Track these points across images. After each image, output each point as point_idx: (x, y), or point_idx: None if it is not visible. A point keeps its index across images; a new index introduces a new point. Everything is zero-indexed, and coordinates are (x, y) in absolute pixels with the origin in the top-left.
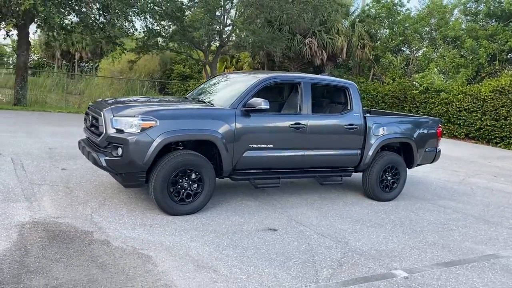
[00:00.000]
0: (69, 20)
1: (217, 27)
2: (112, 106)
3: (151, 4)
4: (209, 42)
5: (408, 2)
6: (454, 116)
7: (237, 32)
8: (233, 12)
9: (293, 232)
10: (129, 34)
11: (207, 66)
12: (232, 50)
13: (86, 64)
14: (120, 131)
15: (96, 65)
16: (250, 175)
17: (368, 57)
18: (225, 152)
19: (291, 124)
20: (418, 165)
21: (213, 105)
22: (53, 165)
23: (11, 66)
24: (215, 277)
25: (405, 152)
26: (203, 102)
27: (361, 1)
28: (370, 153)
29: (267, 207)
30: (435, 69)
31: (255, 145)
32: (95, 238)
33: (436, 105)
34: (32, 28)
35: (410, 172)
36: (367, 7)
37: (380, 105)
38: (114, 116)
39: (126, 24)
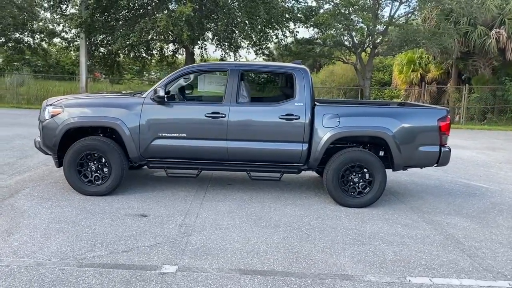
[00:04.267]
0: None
1: (351, 28)
2: (49, 98)
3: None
4: (354, 43)
5: None
6: None
7: (388, 32)
8: (387, 10)
9: (156, 221)
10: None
11: (358, 69)
12: (387, 51)
13: None
14: (45, 118)
15: None
16: (165, 163)
17: None
18: (128, 139)
19: (208, 114)
20: (409, 167)
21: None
22: None
23: None
24: None
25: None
26: (138, 94)
27: None
28: (319, 148)
29: (189, 199)
30: None
31: (165, 134)
32: None
33: None
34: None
35: (483, 183)
36: None
37: None
38: (46, 106)
39: (254, 36)
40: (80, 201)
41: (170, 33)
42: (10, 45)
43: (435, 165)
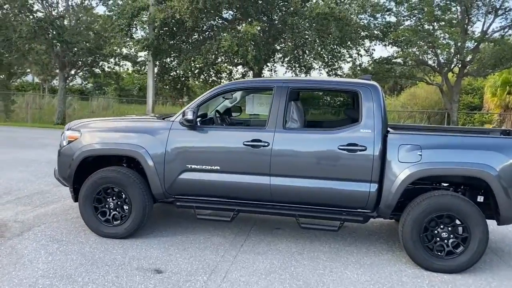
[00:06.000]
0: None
1: (435, 46)
2: (71, 122)
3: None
4: (439, 62)
5: None
6: None
7: (480, 49)
8: (479, 24)
9: (171, 281)
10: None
11: (444, 91)
12: (478, 71)
13: None
14: (62, 144)
15: None
16: (195, 202)
17: None
18: (152, 171)
19: (247, 142)
20: None
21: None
22: None
23: None
24: None
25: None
26: (168, 116)
27: None
28: (394, 190)
29: (222, 249)
30: None
31: (195, 166)
32: None
33: None
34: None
35: None
36: None
37: None
38: (67, 130)
39: (325, 55)
40: (93, 244)
41: (236, 54)
42: (85, 69)
43: None
